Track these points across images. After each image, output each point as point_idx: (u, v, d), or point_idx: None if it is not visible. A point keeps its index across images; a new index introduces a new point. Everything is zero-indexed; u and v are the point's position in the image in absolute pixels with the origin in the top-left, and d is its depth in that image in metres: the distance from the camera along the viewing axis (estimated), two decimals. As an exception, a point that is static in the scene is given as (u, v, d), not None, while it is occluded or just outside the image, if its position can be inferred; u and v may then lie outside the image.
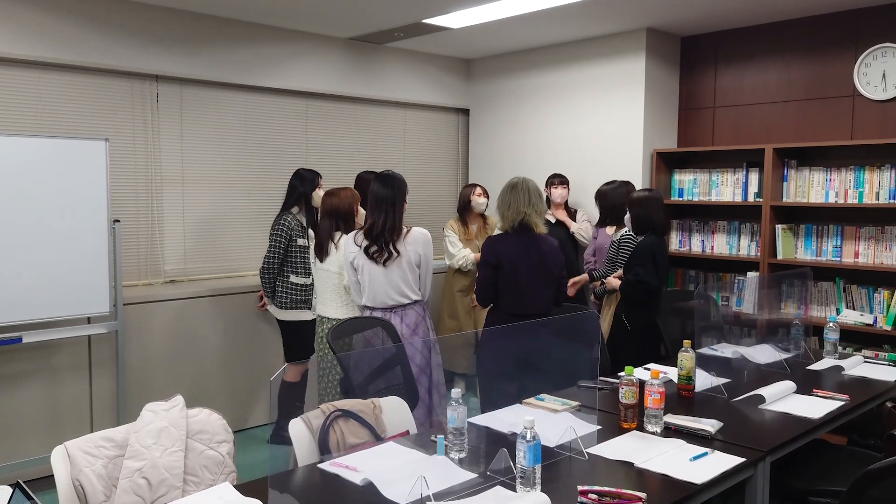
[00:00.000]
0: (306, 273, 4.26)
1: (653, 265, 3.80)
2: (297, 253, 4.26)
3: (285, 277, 4.26)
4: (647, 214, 3.90)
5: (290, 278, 4.26)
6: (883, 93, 4.36)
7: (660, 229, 3.94)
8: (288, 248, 4.24)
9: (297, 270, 4.27)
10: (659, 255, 3.85)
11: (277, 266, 4.24)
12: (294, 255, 4.26)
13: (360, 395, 2.62)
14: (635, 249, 3.90)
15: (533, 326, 3.21)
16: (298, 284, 4.26)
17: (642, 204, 3.93)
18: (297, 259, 4.26)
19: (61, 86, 4.20)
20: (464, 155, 6.30)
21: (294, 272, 4.27)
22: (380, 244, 3.44)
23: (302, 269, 4.26)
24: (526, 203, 3.44)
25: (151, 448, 2.10)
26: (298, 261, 4.26)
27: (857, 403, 2.90)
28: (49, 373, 3.93)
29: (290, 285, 4.26)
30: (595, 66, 5.26)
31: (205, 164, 4.80)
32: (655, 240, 3.88)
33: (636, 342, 3.78)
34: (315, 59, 5.19)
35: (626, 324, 3.87)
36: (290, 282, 4.26)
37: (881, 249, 4.29)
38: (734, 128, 5.03)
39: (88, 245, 3.77)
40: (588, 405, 2.77)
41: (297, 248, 4.25)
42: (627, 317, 3.89)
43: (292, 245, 4.24)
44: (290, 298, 4.26)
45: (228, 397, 4.56)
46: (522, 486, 1.98)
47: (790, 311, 4.17)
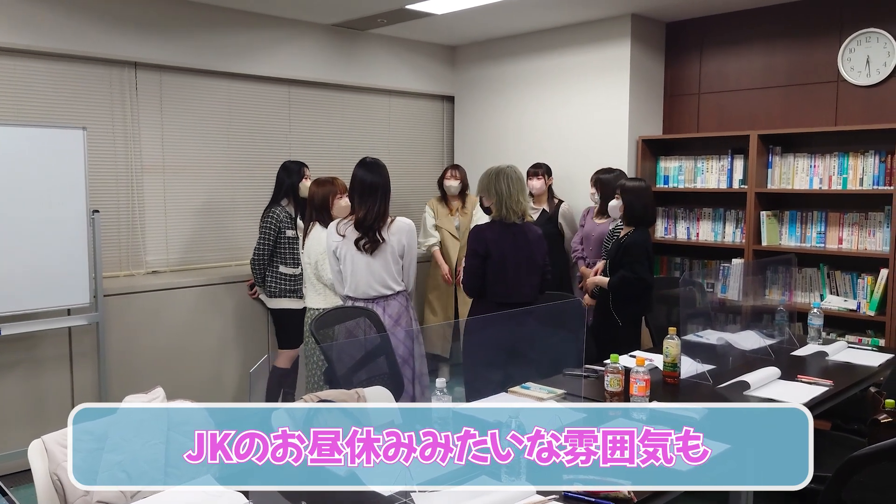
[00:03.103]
0: (295, 263, 4.29)
1: (647, 261, 3.78)
2: (286, 244, 4.29)
3: (275, 268, 4.30)
4: (644, 206, 3.85)
5: (279, 268, 4.30)
6: (867, 78, 4.36)
7: (651, 222, 3.93)
8: (277, 240, 4.27)
9: (286, 261, 4.29)
10: (651, 250, 3.85)
11: (267, 258, 4.28)
12: (283, 247, 4.29)
13: (344, 386, 2.60)
14: (630, 245, 3.78)
15: (518, 315, 3.19)
16: (287, 274, 4.29)
17: (638, 194, 3.84)
18: (286, 250, 4.29)
19: (37, 74, 4.11)
20: (449, 142, 6.27)
21: (283, 262, 4.29)
22: (370, 234, 3.39)
23: (291, 259, 4.29)
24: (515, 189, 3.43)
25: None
26: (287, 252, 4.29)
27: (841, 389, 2.92)
28: (30, 365, 3.88)
29: (280, 275, 4.30)
30: (580, 52, 5.23)
31: (186, 152, 4.74)
32: (647, 234, 3.85)
33: (623, 335, 3.76)
34: (297, 45, 5.13)
35: (617, 318, 3.83)
36: (279, 272, 4.30)
37: (865, 235, 4.31)
38: (719, 114, 5.02)
39: (67, 236, 3.72)
40: (574, 393, 2.76)
41: (286, 240, 4.28)
42: (618, 312, 3.85)
43: (281, 237, 4.28)
44: (278, 288, 4.31)
45: (212, 389, 4.52)
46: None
47: (775, 297, 4.18)
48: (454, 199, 5.25)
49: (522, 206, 3.44)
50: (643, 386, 2.51)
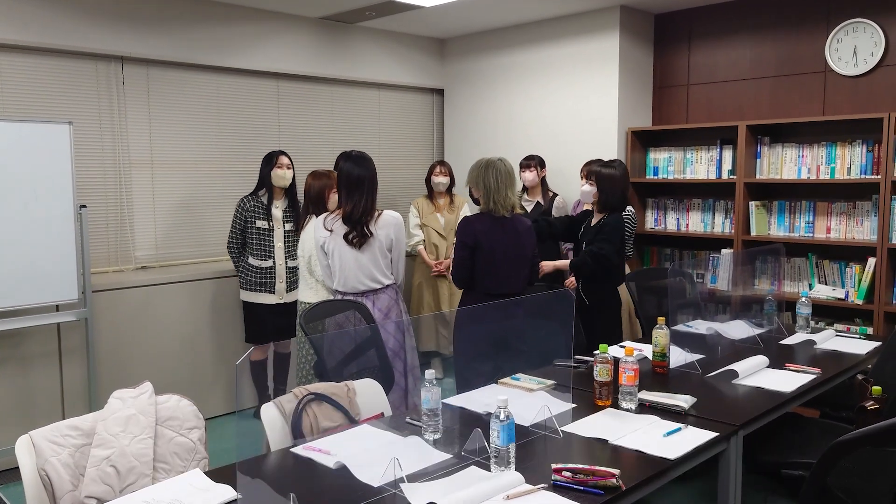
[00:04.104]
0: (265, 256, 4.28)
1: (620, 242, 3.83)
2: (254, 235, 4.30)
3: (245, 259, 4.32)
4: (619, 193, 3.86)
5: (248, 260, 4.31)
6: (854, 68, 4.38)
7: (623, 208, 3.95)
8: (245, 230, 4.29)
9: (255, 252, 4.30)
10: (624, 234, 3.89)
11: (236, 247, 4.33)
12: (252, 237, 4.30)
13: (334, 379, 2.59)
14: (604, 225, 3.80)
15: (509, 306, 3.20)
16: (255, 266, 4.30)
17: (613, 181, 3.85)
18: (255, 241, 4.30)
19: (22, 68, 4.08)
20: (439, 135, 6.25)
21: (252, 254, 4.31)
22: (358, 228, 3.38)
23: (259, 251, 4.28)
24: (503, 184, 3.42)
25: (119, 436, 2.06)
26: (255, 243, 4.30)
27: (829, 376, 2.94)
28: (18, 361, 3.85)
29: (249, 267, 4.31)
30: (569, 44, 5.23)
31: (174, 147, 4.71)
32: (621, 218, 3.87)
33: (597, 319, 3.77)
34: (286, 39, 5.10)
35: (585, 299, 3.83)
36: (248, 263, 4.31)
37: (853, 224, 4.33)
38: (708, 105, 5.03)
39: (55, 231, 3.69)
40: (564, 384, 2.77)
41: (255, 231, 4.29)
42: (586, 293, 3.83)
43: (250, 227, 4.28)
44: (246, 280, 4.33)
45: (201, 383, 4.51)
46: (497, 466, 1.97)
47: (764, 286, 4.20)
48: (441, 195, 5.23)
49: (510, 201, 3.42)
50: (632, 376, 2.51)
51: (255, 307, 4.35)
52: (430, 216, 5.18)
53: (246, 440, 4.15)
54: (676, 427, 2.31)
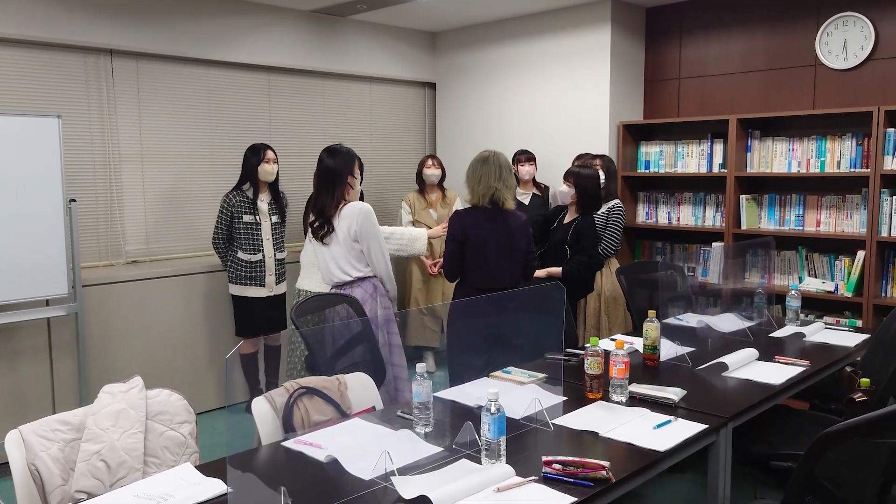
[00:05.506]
0: (253, 250, 4.28)
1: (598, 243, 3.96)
2: (242, 229, 4.29)
3: (234, 253, 4.31)
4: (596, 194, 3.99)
5: (237, 254, 4.31)
6: (844, 62, 4.39)
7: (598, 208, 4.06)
8: (232, 225, 4.27)
9: (243, 246, 4.30)
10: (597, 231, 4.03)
11: (222, 242, 4.32)
12: (240, 232, 4.29)
13: (325, 372, 2.59)
14: (583, 229, 3.91)
15: (501, 300, 3.20)
16: (244, 261, 4.30)
17: (591, 181, 3.97)
18: (243, 236, 4.29)
19: (10, 61, 4.05)
20: (431, 129, 6.24)
21: (241, 248, 4.30)
22: (320, 221, 3.39)
23: (248, 245, 4.28)
24: (496, 178, 3.39)
25: (109, 430, 2.05)
26: (243, 237, 4.29)
27: (818, 369, 2.96)
28: (8, 356, 3.84)
29: (238, 261, 4.31)
30: (561, 37, 5.22)
31: (164, 141, 4.69)
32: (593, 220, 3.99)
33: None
34: (277, 32, 5.08)
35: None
36: (237, 258, 4.31)
37: (842, 218, 4.35)
38: (699, 99, 5.04)
39: (44, 226, 3.67)
40: (554, 377, 2.78)
41: (242, 225, 4.28)
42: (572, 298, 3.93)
43: (237, 221, 4.27)
44: (236, 274, 4.32)
45: (191, 378, 4.50)
46: (487, 459, 1.98)
47: (754, 280, 4.22)
48: (433, 189, 5.22)
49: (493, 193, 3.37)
50: (623, 368, 2.52)
51: (245, 300, 4.35)
52: (423, 212, 5.17)
53: (237, 434, 4.15)
54: (666, 419, 2.32)
